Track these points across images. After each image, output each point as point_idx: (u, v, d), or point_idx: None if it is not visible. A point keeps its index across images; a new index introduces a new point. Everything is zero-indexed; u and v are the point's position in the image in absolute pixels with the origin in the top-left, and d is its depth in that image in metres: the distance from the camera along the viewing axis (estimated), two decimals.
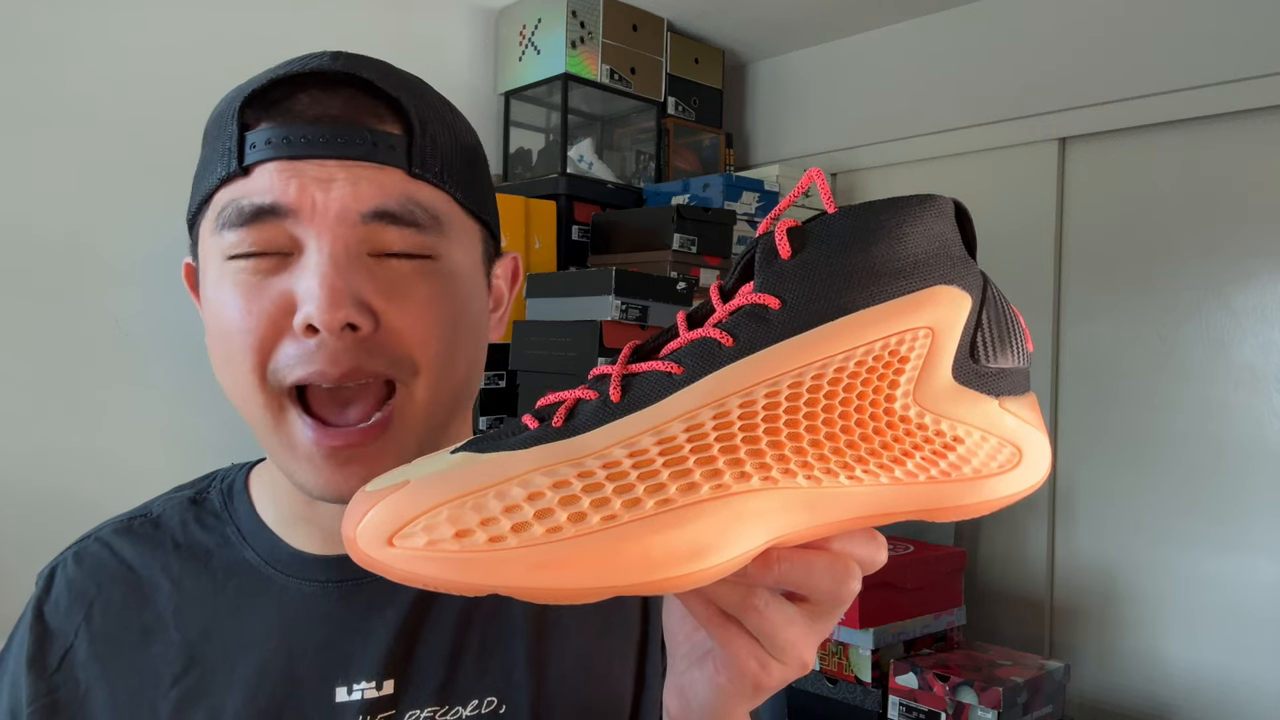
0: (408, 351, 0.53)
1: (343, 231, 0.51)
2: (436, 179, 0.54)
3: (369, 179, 0.52)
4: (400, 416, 0.53)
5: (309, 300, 0.49)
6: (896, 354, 0.37)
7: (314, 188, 0.51)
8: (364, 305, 0.51)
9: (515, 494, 0.34)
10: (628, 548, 0.33)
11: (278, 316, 0.51)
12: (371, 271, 0.52)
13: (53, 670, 0.59)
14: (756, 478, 0.35)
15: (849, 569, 0.39)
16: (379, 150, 0.52)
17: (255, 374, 0.52)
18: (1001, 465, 0.40)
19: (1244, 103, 2.01)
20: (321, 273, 0.50)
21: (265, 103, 0.53)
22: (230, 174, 0.52)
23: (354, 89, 0.53)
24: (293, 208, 0.51)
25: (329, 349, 0.50)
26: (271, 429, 0.53)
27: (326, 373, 0.50)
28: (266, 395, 0.52)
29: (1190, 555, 2.09)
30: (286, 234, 0.51)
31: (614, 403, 0.37)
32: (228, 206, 0.52)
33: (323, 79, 0.53)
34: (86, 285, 1.92)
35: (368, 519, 0.34)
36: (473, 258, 0.58)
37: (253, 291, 0.52)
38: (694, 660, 0.45)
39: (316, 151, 0.51)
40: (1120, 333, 2.21)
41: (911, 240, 0.38)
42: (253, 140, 0.52)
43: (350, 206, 0.51)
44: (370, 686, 0.57)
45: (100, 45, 1.93)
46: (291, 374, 0.51)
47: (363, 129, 0.52)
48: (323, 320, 0.49)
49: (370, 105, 0.53)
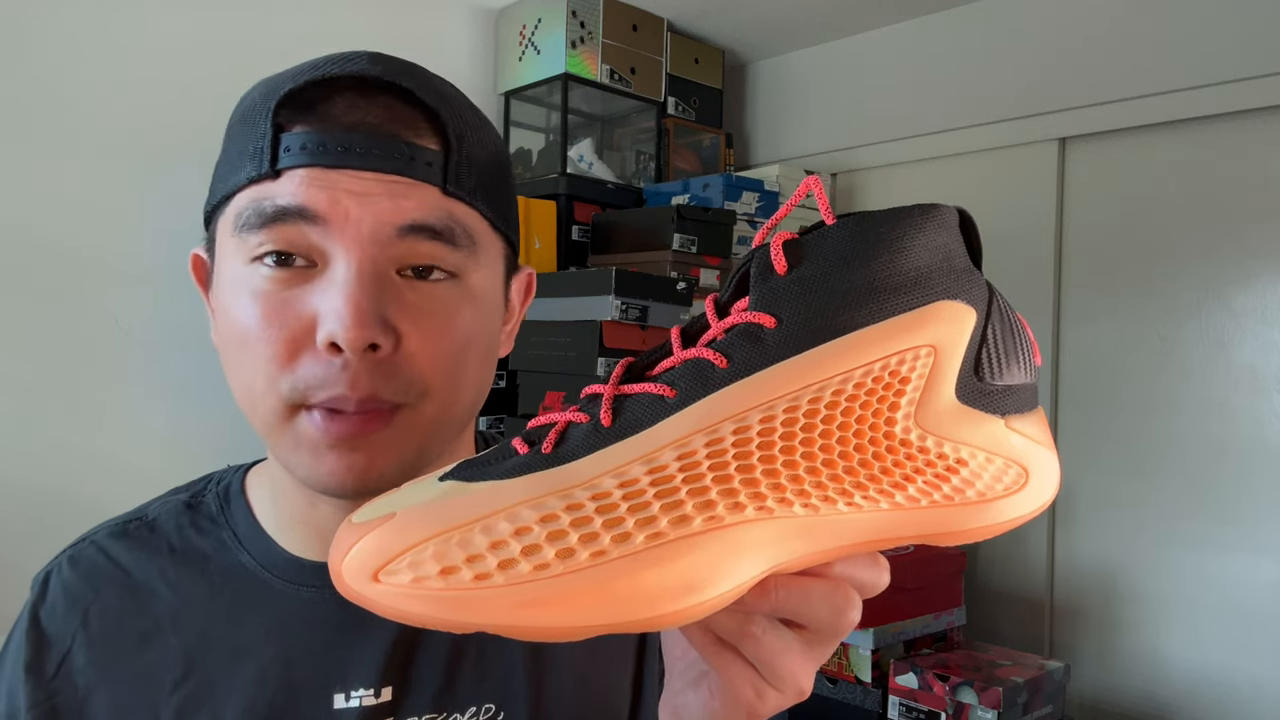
0: (421, 374, 0.52)
1: (373, 249, 0.50)
2: (470, 197, 0.53)
3: (406, 194, 0.51)
4: (404, 420, 0.52)
5: (333, 318, 0.49)
6: (897, 375, 0.36)
7: (348, 200, 0.50)
8: (388, 325, 0.50)
9: (502, 529, 0.33)
10: (617, 585, 0.32)
11: (299, 333, 0.50)
12: (398, 291, 0.51)
13: (50, 676, 0.58)
14: (751, 508, 0.34)
15: (849, 598, 0.38)
16: (416, 166, 0.51)
17: (271, 383, 0.51)
18: (1008, 487, 0.38)
19: (1244, 103, 2.01)
20: (348, 291, 0.49)
21: (301, 103, 0.51)
22: (261, 175, 0.51)
23: (392, 97, 0.52)
24: (323, 216, 0.50)
25: (351, 370, 0.49)
26: (275, 427, 0.52)
27: (347, 396, 0.50)
28: (279, 401, 0.51)
29: (1190, 555, 2.09)
30: (309, 241, 0.50)
31: (604, 427, 0.36)
32: (248, 209, 0.51)
33: (360, 83, 0.51)
34: (86, 285, 1.92)
35: (353, 553, 0.34)
36: (495, 277, 0.58)
37: (273, 303, 0.51)
38: (689, 681, 0.44)
39: (352, 162, 0.50)
40: (1120, 333, 2.21)
41: (913, 253, 0.36)
42: (287, 143, 0.50)
43: (387, 220, 0.50)
44: (369, 694, 0.57)
45: (101, 46, 1.93)
46: (314, 395, 0.50)
47: (400, 142, 0.51)
48: (347, 339, 0.48)
49: (409, 117, 0.52)
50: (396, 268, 0.52)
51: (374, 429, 0.51)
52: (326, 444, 0.51)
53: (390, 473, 0.52)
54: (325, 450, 0.51)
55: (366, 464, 0.51)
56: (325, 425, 0.51)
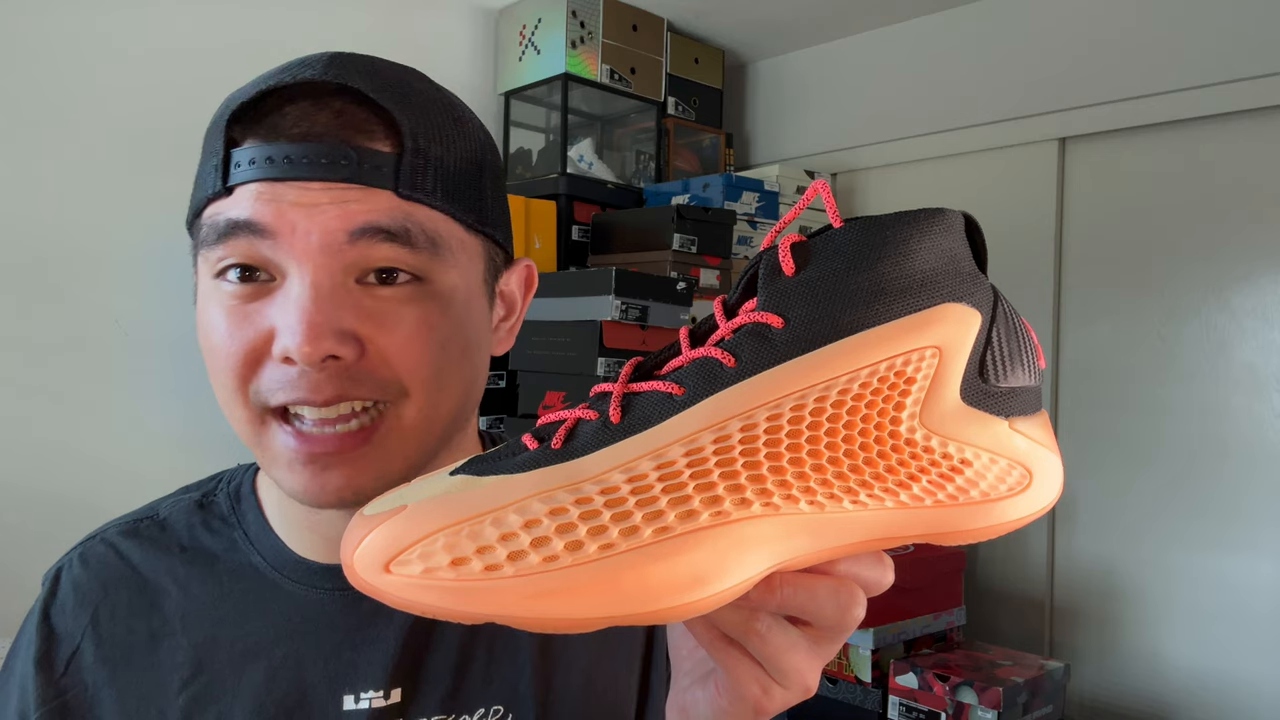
0: (395, 376, 0.52)
1: (325, 259, 0.49)
2: (429, 198, 0.52)
3: (357, 199, 0.50)
4: (386, 433, 0.52)
5: (287, 333, 0.49)
6: (902, 375, 0.36)
7: (294, 213, 0.49)
8: (347, 334, 0.50)
9: (512, 521, 0.33)
10: (625, 577, 0.33)
11: (259, 344, 0.51)
12: (357, 300, 0.50)
13: (60, 673, 0.59)
14: (758, 504, 0.34)
15: (853, 595, 0.38)
16: (364, 171, 0.50)
17: (238, 393, 0.52)
18: (1011, 488, 0.39)
19: (1244, 103, 2.01)
20: (301, 306, 0.48)
21: (254, 115, 0.51)
22: (215, 192, 0.51)
23: (346, 100, 0.51)
24: (271, 229, 0.49)
25: (310, 378, 0.49)
26: (254, 439, 0.53)
27: (311, 399, 0.50)
28: (249, 411, 0.52)
29: (1190, 555, 2.09)
30: (263, 256, 0.50)
31: (613, 424, 0.36)
32: (206, 224, 0.52)
33: (313, 90, 0.50)
34: (86, 285, 1.92)
35: (365, 544, 0.34)
36: (471, 277, 0.56)
37: (236, 316, 0.51)
38: (696, 679, 0.44)
39: (299, 173, 0.49)
40: (1120, 333, 2.21)
41: (919, 256, 0.37)
42: (237, 159, 0.50)
43: (336, 228, 0.49)
44: (378, 695, 0.57)
45: (101, 46, 1.93)
46: (274, 397, 0.51)
47: (348, 148, 0.49)
48: (301, 354, 0.48)
49: (361, 120, 0.51)
50: (355, 275, 0.51)
51: (349, 448, 0.51)
52: (300, 461, 0.51)
53: (370, 488, 0.51)
54: (300, 467, 0.51)
55: (342, 482, 0.51)
56: (296, 444, 0.51)
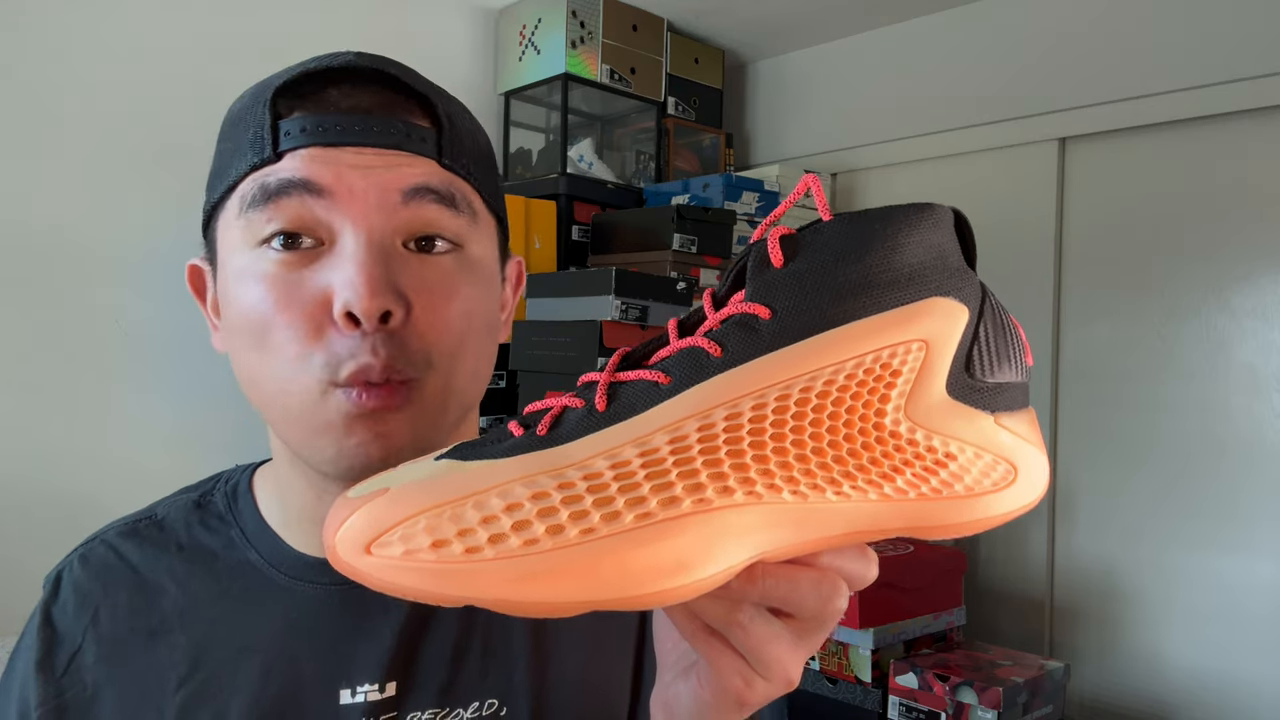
0: (425, 346, 0.53)
1: (379, 219, 0.51)
2: (465, 172, 0.56)
3: (408, 164, 0.53)
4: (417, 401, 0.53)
5: (348, 289, 0.49)
6: (888, 367, 0.36)
7: (351, 174, 0.51)
8: (399, 294, 0.51)
9: (494, 505, 0.33)
10: (605, 562, 0.33)
11: (316, 310, 0.51)
12: (405, 262, 0.52)
13: (61, 673, 0.59)
14: (740, 492, 0.34)
15: (836, 586, 0.38)
16: (412, 140, 0.53)
17: (301, 363, 0.51)
18: (995, 483, 0.39)
19: (1244, 103, 2.01)
20: (359, 260, 0.50)
21: (297, 94, 0.53)
22: (263, 160, 0.52)
23: (382, 84, 0.54)
24: (328, 189, 0.51)
25: (370, 340, 0.50)
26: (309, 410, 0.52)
27: (373, 365, 0.50)
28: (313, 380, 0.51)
29: (1190, 555, 2.09)
30: (315, 217, 0.51)
31: (599, 412, 0.36)
32: (252, 189, 0.52)
33: (351, 74, 0.54)
34: (87, 285, 1.92)
35: (346, 526, 0.34)
36: (493, 251, 0.59)
37: (285, 286, 0.51)
38: (679, 672, 0.44)
39: (352, 139, 0.52)
40: (1120, 333, 2.21)
41: (907, 250, 0.37)
42: (287, 128, 0.52)
43: (391, 187, 0.52)
44: (373, 689, 0.58)
45: (101, 45, 1.93)
46: (345, 368, 0.50)
47: (396, 120, 0.53)
48: (363, 308, 0.49)
49: (400, 100, 0.54)
50: (402, 239, 0.53)
51: (396, 404, 0.52)
52: (359, 416, 0.51)
53: (407, 450, 0.52)
54: (356, 423, 0.51)
55: (389, 439, 0.52)
56: (359, 399, 0.51)
